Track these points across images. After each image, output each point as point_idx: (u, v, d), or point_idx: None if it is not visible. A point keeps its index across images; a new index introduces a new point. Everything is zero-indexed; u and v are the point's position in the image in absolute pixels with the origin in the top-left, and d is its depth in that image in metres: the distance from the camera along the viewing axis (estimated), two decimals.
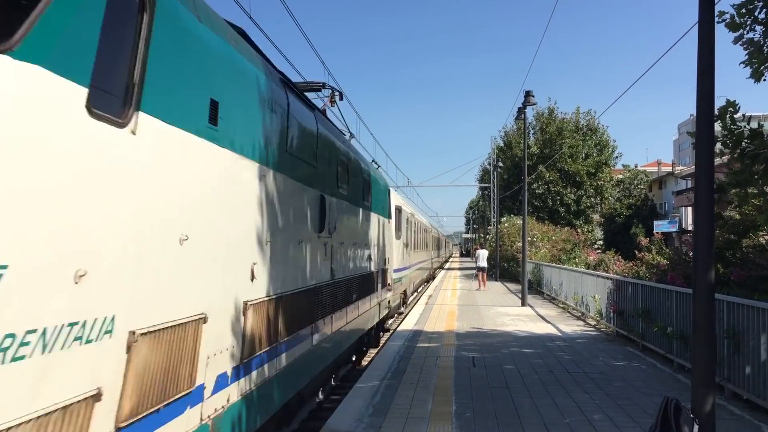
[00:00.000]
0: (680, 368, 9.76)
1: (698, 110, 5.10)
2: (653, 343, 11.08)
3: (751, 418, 7.10)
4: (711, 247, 5.09)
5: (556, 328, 14.74)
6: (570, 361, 10.46)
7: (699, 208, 5.10)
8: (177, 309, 3.77)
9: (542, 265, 25.46)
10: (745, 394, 7.72)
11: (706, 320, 5.07)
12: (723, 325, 8.14)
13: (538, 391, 8.32)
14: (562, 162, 42.60)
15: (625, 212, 56.14)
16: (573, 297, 18.18)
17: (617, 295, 13.47)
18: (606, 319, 14.47)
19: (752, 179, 7.31)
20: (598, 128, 44.99)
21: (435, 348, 11.66)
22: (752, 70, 7.36)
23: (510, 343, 12.32)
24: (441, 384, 8.64)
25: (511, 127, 47.37)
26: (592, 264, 20.52)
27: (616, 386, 8.65)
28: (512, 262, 34.17)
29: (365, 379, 9.06)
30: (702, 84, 5.05)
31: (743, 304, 7.89)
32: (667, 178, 66.48)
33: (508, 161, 45.73)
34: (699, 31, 5.13)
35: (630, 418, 7.03)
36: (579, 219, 43.19)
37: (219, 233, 4.43)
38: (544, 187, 43.00)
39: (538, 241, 31.30)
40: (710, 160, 5.13)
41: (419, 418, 6.97)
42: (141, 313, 3.36)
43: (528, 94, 20.64)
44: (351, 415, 7.08)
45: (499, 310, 18.56)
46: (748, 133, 7.11)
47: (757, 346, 7.42)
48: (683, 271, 11.53)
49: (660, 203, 64.36)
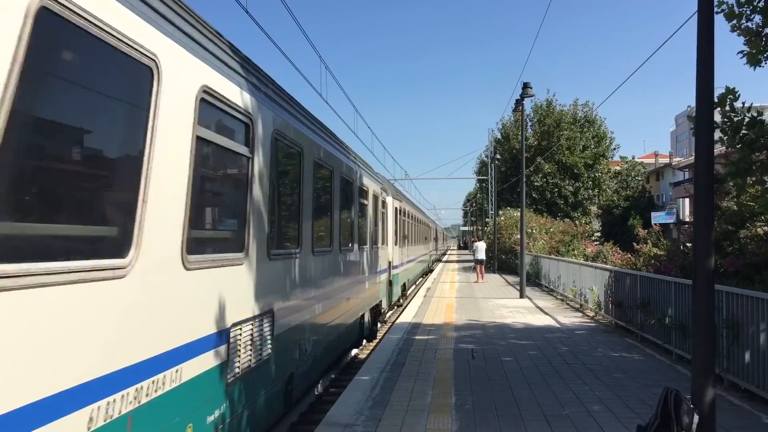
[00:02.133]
0: (679, 359, 9.77)
1: (697, 97, 5.06)
2: (652, 334, 11.09)
3: (751, 408, 7.10)
4: (710, 233, 5.07)
5: (554, 320, 14.75)
6: (569, 353, 10.46)
7: (698, 195, 5.07)
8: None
9: (540, 257, 25.48)
10: (744, 384, 7.72)
11: (706, 310, 5.05)
12: (722, 315, 8.14)
13: (538, 382, 8.31)
14: (559, 154, 42.59)
15: (622, 204, 56.23)
16: (571, 289, 18.19)
17: (616, 287, 13.47)
18: (604, 310, 14.48)
19: (751, 169, 7.30)
20: (596, 120, 44.99)
21: (434, 340, 11.65)
22: (749, 55, 7.34)
23: (509, 335, 12.32)
24: (440, 376, 8.63)
25: (508, 119, 47.38)
26: (590, 256, 20.53)
27: (615, 377, 8.65)
28: (510, 254, 34.19)
29: (365, 371, 9.05)
30: (701, 70, 5.01)
31: (742, 294, 7.89)
32: (664, 170, 66.57)
33: (506, 153, 45.70)
34: (698, 18, 5.09)
35: (629, 409, 7.03)
36: (577, 211, 43.22)
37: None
38: (542, 179, 42.99)
39: (536, 233, 31.30)
40: (710, 145, 5.11)
41: (419, 410, 6.96)
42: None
43: (526, 86, 20.59)
44: (351, 408, 7.07)
45: (498, 303, 18.57)
46: (747, 121, 7.09)
47: (756, 337, 7.42)
48: (680, 262, 11.53)
49: (657, 195, 64.47)
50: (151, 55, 3.63)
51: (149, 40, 3.60)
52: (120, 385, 3.34)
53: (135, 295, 3.50)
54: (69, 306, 2.95)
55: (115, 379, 3.30)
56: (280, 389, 6.56)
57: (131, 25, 3.40)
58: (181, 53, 4.09)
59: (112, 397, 3.26)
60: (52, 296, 2.83)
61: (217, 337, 4.69)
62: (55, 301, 2.85)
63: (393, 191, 19.11)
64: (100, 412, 3.15)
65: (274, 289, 6.21)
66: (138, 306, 3.55)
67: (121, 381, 3.34)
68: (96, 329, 3.16)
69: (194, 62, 4.30)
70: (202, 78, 4.41)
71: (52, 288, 2.82)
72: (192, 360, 4.23)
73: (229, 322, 4.94)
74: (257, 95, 5.66)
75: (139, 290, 3.53)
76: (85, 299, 3.08)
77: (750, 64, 7.43)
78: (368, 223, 13.05)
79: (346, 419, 6.64)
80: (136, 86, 3.64)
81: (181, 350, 4.06)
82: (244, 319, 5.29)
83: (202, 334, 4.44)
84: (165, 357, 3.84)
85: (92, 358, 3.12)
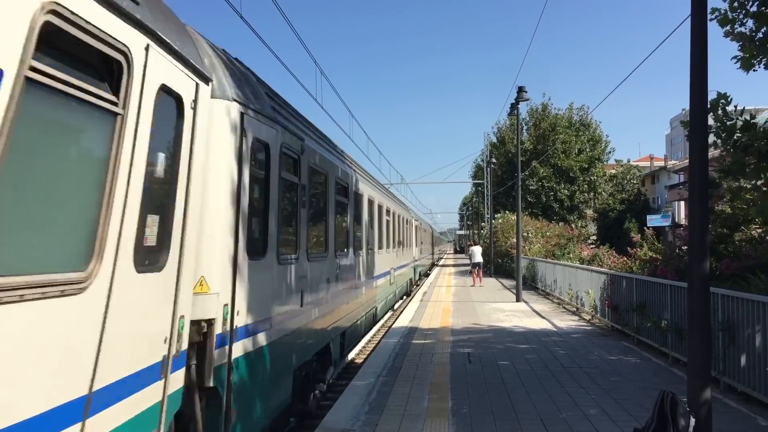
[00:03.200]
0: (675, 361, 9.78)
1: (691, 100, 5.09)
2: (648, 336, 11.11)
3: (747, 411, 7.12)
4: (705, 236, 5.09)
5: (551, 324, 14.76)
6: (565, 356, 10.46)
7: (693, 199, 5.10)
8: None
9: (537, 261, 25.50)
10: (740, 386, 7.74)
11: (702, 312, 5.07)
12: (718, 318, 8.16)
13: (534, 386, 8.31)
14: (555, 158, 42.69)
15: (618, 207, 56.29)
16: (567, 292, 18.21)
17: (612, 290, 13.49)
18: (601, 313, 14.49)
19: (743, 171, 7.34)
20: (591, 124, 45.14)
21: (430, 345, 11.64)
22: (743, 60, 7.38)
23: (505, 339, 12.32)
24: (437, 381, 8.63)
25: (504, 123, 47.46)
26: (586, 259, 20.56)
27: (612, 380, 8.65)
28: (506, 258, 34.21)
29: (361, 376, 9.03)
30: (695, 74, 5.04)
31: (738, 297, 7.91)
32: (659, 173, 66.74)
33: (502, 157, 45.76)
34: (692, 21, 5.12)
35: (626, 411, 7.04)
36: (573, 214, 43.33)
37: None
38: (537, 183, 43.08)
39: (532, 236, 31.35)
40: (704, 147, 5.13)
41: (416, 414, 6.95)
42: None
43: (521, 90, 20.65)
44: (347, 413, 7.06)
45: (494, 306, 18.57)
46: (740, 124, 7.13)
47: (752, 339, 7.44)
48: (676, 265, 11.56)
49: (653, 198, 64.63)
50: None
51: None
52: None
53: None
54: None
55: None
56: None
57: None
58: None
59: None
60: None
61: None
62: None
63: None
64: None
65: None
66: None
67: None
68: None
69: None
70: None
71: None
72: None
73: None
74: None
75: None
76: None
77: (744, 68, 7.46)
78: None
79: (342, 424, 6.63)
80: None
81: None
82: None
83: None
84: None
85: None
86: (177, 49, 3.93)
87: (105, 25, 3.08)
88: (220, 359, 5.01)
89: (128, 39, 3.32)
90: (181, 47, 4.04)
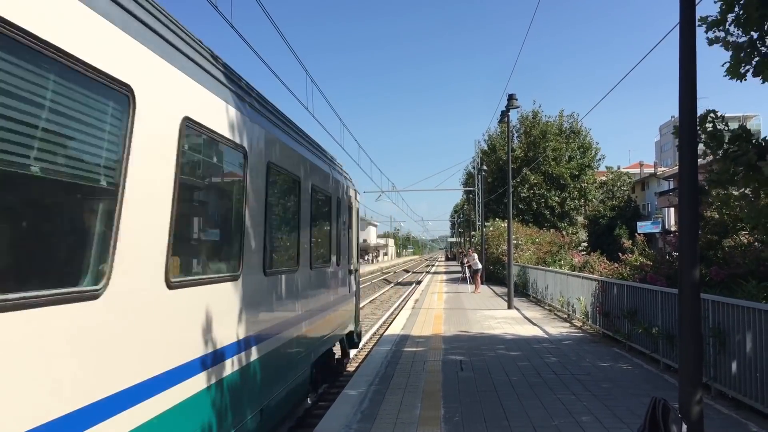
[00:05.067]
0: (666, 368, 9.80)
1: (681, 107, 5.12)
2: (639, 343, 11.13)
3: (738, 417, 7.13)
4: (696, 243, 5.11)
5: (542, 331, 14.76)
6: (557, 363, 10.46)
7: (683, 205, 5.11)
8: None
9: (528, 268, 25.54)
10: (731, 392, 7.76)
11: (692, 318, 5.08)
12: (709, 324, 8.19)
13: (526, 393, 8.30)
14: (546, 165, 42.88)
15: (608, 214, 56.64)
16: (559, 299, 18.23)
17: (603, 297, 13.52)
18: (592, 320, 14.51)
19: (732, 180, 7.37)
20: (581, 131, 45.39)
21: (422, 352, 11.60)
22: (731, 69, 7.40)
23: (497, 346, 12.31)
24: (429, 388, 8.59)
25: (495, 131, 47.64)
26: (577, 266, 20.60)
27: (604, 387, 8.65)
28: (498, 265, 34.24)
29: (353, 385, 8.99)
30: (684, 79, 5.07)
31: (728, 303, 7.94)
32: (649, 180, 67.18)
33: (493, 164, 45.92)
34: (680, 29, 5.16)
35: (618, 418, 7.03)
36: (563, 221, 43.49)
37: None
38: (528, 190, 43.24)
39: (523, 244, 31.41)
40: (693, 153, 5.16)
41: (408, 423, 6.91)
42: None
43: (511, 98, 20.73)
44: (339, 422, 7.01)
45: (486, 314, 18.56)
46: (730, 136, 7.17)
47: (743, 345, 7.47)
48: (666, 271, 11.61)
49: (643, 204, 65.03)
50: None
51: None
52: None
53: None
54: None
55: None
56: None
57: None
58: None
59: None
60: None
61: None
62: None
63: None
64: None
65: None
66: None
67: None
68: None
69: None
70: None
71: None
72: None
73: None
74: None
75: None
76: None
77: (735, 78, 7.44)
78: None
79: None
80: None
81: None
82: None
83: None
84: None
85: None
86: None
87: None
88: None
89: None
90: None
